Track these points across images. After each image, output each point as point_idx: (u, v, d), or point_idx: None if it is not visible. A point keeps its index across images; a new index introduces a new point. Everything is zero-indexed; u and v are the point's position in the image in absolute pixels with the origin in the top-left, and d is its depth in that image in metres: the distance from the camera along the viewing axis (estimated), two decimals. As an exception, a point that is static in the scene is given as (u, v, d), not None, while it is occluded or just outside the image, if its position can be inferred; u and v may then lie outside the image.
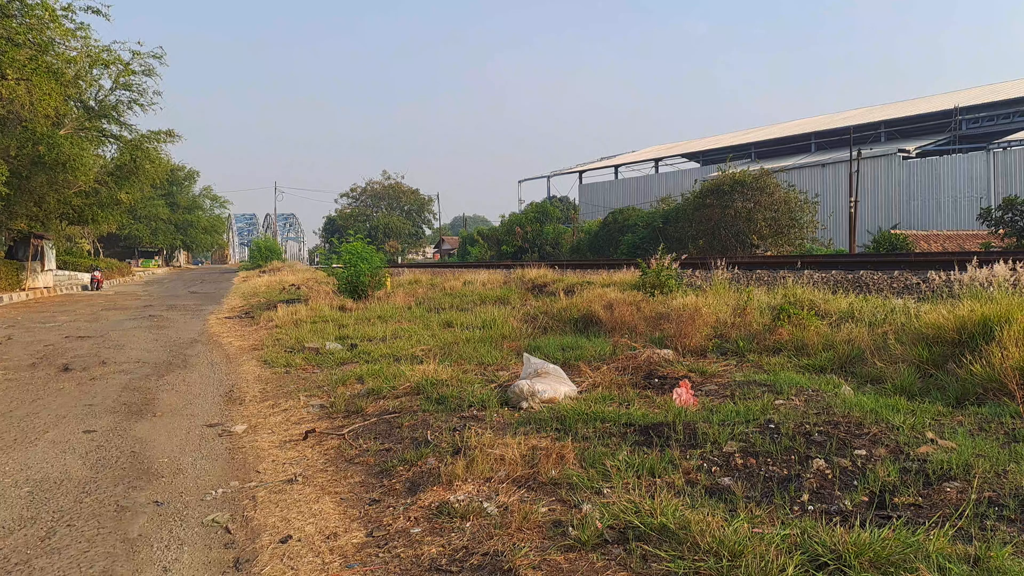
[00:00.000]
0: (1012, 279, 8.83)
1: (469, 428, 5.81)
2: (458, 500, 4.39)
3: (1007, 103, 54.24)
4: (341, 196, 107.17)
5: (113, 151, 33.00)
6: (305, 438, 6.40)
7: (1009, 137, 49.22)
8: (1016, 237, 29.57)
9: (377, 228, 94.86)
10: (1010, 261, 9.37)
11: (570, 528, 3.78)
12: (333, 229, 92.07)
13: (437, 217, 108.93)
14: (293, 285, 29.09)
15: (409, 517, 4.34)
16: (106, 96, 30.49)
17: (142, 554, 4.08)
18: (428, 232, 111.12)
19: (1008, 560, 3.02)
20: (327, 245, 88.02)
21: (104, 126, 31.12)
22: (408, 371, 8.27)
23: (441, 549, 3.84)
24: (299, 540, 4.19)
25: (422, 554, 3.79)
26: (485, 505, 4.28)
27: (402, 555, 3.82)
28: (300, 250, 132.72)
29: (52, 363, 11.10)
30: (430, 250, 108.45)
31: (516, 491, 4.49)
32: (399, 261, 78.28)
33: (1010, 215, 30.09)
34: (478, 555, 3.69)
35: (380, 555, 3.88)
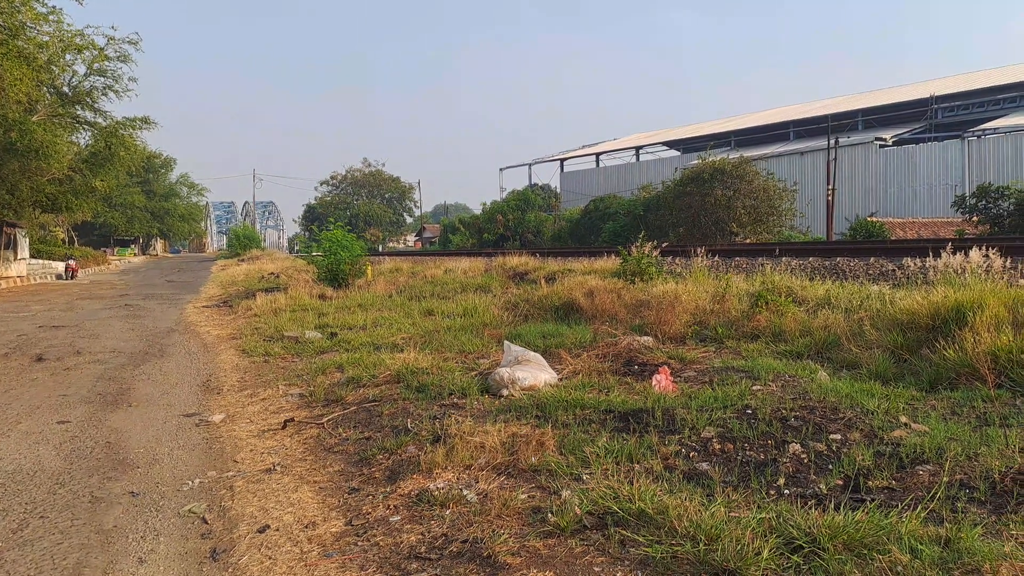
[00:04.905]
0: (985, 265, 8.93)
1: (449, 416, 5.81)
2: (438, 488, 4.39)
3: (982, 92, 54.70)
4: (321, 184, 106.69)
5: (87, 138, 32.58)
6: (284, 427, 6.37)
7: (984, 125, 49.66)
8: (990, 224, 29.91)
9: (358, 216, 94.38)
10: (983, 248, 9.46)
11: (549, 514, 3.79)
12: (313, 217, 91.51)
13: (418, 205, 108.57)
14: (272, 274, 28.89)
15: (389, 505, 4.33)
16: (80, 82, 30.06)
17: (117, 545, 4.04)
18: (409, 220, 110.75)
19: (978, 541, 3.06)
20: (307, 233, 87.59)
21: (78, 112, 30.67)
22: (388, 359, 8.25)
23: (420, 537, 3.83)
24: (277, 530, 4.17)
25: (401, 542, 3.79)
26: (465, 492, 4.29)
27: (381, 543, 3.82)
28: (280, 238, 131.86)
29: (25, 353, 10.96)
30: (411, 238, 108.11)
31: (496, 478, 4.49)
32: (380, 249, 77.95)
33: (983, 202, 30.41)
34: (457, 542, 3.69)
35: (359, 544, 3.87)
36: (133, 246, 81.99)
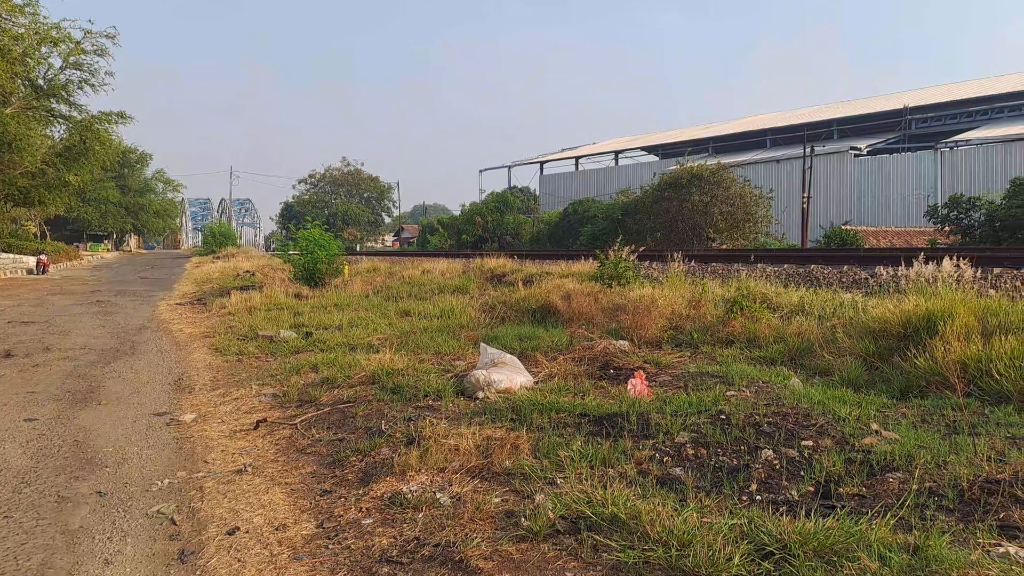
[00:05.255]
0: (956, 275, 9.05)
1: (424, 418, 5.79)
2: (411, 491, 4.36)
3: (955, 104, 55.56)
4: (299, 182, 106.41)
5: (62, 132, 32.18)
6: (256, 427, 6.31)
7: (956, 137, 50.43)
8: (961, 234, 30.37)
9: (335, 215, 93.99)
10: (955, 258, 9.59)
11: (523, 518, 3.78)
12: (290, 215, 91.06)
13: (397, 205, 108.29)
14: (247, 272, 28.63)
15: (361, 508, 4.30)
16: (55, 75, 29.67)
17: (83, 546, 3.98)
18: (388, 220, 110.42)
19: (946, 549, 3.09)
20: (284, 231, 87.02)
21: (53, 106, 30.29)
22: (364, 360, 8.20)
23: (392, 540, 3.81)
24: (247, 532, 4.13)
25: (373, 545, 3.76)
26: (438, 496, 4.26)
27: (352, 546, 3.79)
28: (256, 236, 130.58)
29: (-6, 349, 10.76)
30: (389, 238, 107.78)
31: (470, 481, 4.48)
32: (357, 249, 77.55)
33: (955, 213, 30.88)
34: (429, 546, 3.67)
35: (330, 547, 3.84)
36: (106, 241, 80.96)
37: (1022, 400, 5.46)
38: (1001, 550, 3.16)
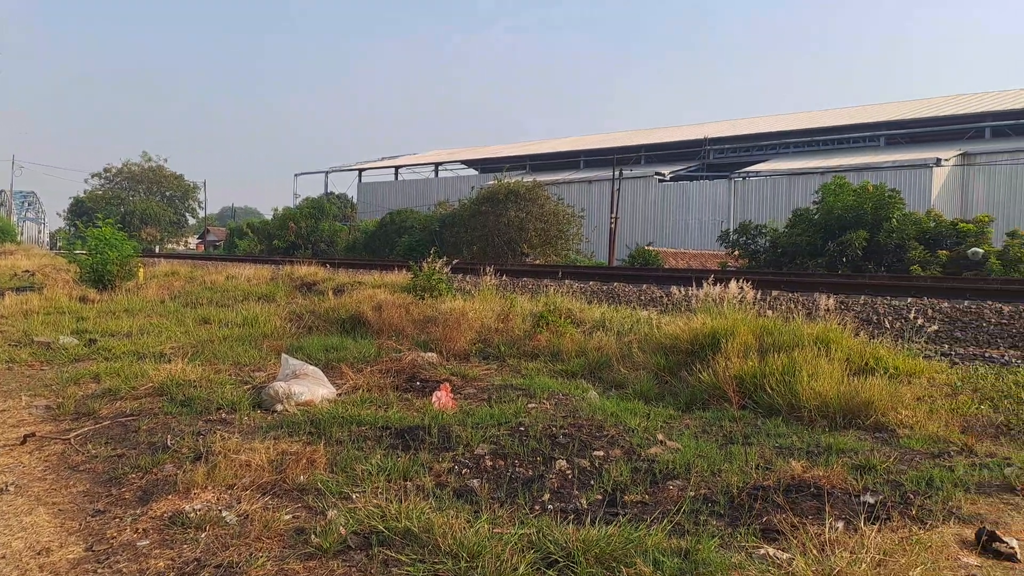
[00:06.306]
0: (740, 297, 9.84)
1: (215, 432, 5.48)
2: (194, 509, 4.11)
3: (746, 137, 61.01)
4: (93, 176, 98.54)
5: None
6: (23, 442, 5.71)
7: (748, 168, 55.22)
8: (749, 258, 33.12)
9: (133, 213, 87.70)
10: (739, 280, 10.41)
11: (313, 536, 3.67)
12: (82, 211, 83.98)
13: (203, 206, 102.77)
14: (27, 271, 26.08)
15: (137, 529, 4.00)
16: None
17: None
18: (193, 221, 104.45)
19: (714, 552, 3.33)
20: (72, 229, 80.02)
21: None
22: (152, 370, 7.66)
23: (170, 562, 3.57)
24: (3, 557, 3.72)
25: (147, 568, 3.50)
26: (224, 514, 4.05)
27: (124, 570, 3.51)
28: (40, 233, 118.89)
29: None
30: (193, 240, 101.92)
31: (260, 498, 4.28)
32: (157, 250, 72.69)
33: (744, 238, 33.65)
34: (211, 567, 3.47)
35: (99, 571, 3.53)
36: None
37: (789, 412, 6.01)
38: (761, 552, 3.43)
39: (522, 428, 5.41)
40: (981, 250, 26.22)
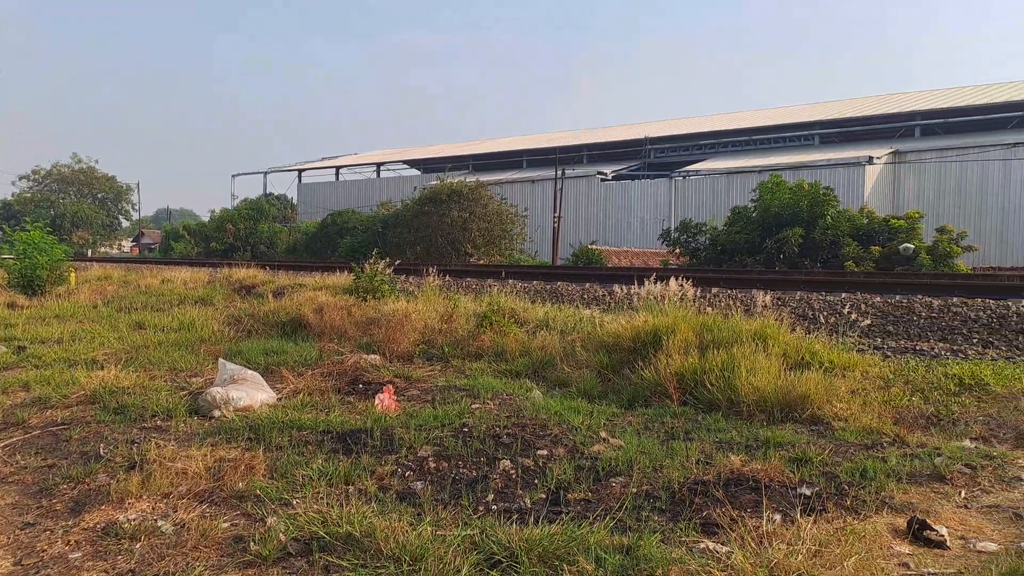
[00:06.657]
0: (681, 294, 9.97)
1: (150, 440, 5.33)
2: (129, 519, 3.99)
3: (685, 137, 61.99)
4: (20, 178, 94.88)
5: None
6: (-56, 457, 5.46)
7: (688, 167, 56.12)
8: (690, 256, 33.66)
9: (63, 216, 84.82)
10: (680, 278, 10.56)
11: (252, 543, 3.59)
12: (8, 215, 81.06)
13: (137, 208, 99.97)
14: (-51, 277, 24.98)
15: (69, 541, 3.87)
16: None
17: None
18: (126, 224, 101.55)
19: (655, 548, 3.36)
20: (-1, 233, 77.10)
21: None
22: (84, 377, 7.41)
23: (103, 574, 3.46)
24: (-78, 577, 3.55)
25: (78, 582, 3.39)
26: (160, 523, 3.94)
27: (54, 585, 3.38)
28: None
29: None
30: (128, 244, 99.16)
31: (197, 507, 4.18)
32: (88, 254, 70.49)
33: (685, 236, 34.18)
34: (145, 579, 3.37)
35: (28, 587, 3.40)
36: None
37: (729, 407, 6.12)
38: (702, 546, 3.48)
39: (466, 429, 5.39)
40: (912, 246, 27.13)
